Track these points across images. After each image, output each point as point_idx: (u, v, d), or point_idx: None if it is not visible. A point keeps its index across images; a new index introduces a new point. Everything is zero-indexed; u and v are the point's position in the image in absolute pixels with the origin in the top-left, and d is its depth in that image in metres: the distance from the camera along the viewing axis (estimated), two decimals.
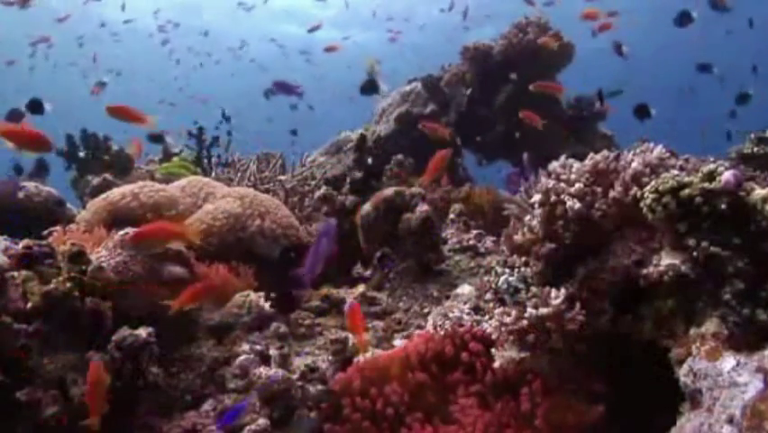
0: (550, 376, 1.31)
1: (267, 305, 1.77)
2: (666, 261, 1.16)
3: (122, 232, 1.72)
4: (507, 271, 1.53)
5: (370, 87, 3.13)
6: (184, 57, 12.49)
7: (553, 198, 1.34)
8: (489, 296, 1.64)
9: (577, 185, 1.31)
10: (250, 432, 1.39)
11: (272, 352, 1.60)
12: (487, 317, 1.74)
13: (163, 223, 1.43)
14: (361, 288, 2.21)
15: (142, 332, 1.46)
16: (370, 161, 3.12)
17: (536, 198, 1.38)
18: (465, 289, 2.04)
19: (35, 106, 2.68)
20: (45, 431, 1.34)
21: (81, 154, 3.35)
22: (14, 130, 1.89)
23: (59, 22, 6.90)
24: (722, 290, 1.10)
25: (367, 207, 2.44)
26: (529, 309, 1.27)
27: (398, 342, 1.84)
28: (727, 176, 1.12)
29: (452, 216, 2.65)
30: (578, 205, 1.28)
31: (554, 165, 1.40)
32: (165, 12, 11.15)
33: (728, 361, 1.01)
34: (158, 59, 12.92)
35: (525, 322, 1.27)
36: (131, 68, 12.67)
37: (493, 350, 1.36)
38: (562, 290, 1.27)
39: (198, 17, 12.99)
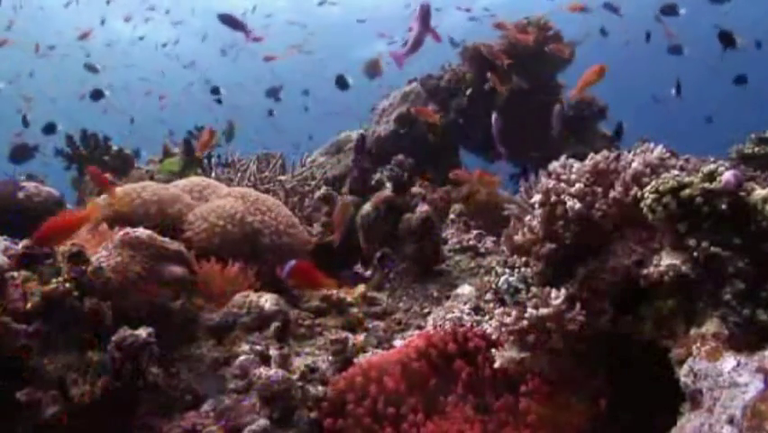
0: (550, 376, 1.31)
1: (267, 305, 1.77)
2: (666, 261, 1.16)
3: (122, 232, 1.71)
4: (507, 271, 1.53)
5: (342, 82, 3.23)
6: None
7: (553, 198, 1.34)
8: (489, 296, 1.64)
9: (577, 185, 1.31)
10: (250, 432, 1.39)
11: (272, 352, 1.60)
12: (487, 317, 1.74)
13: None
14: (361, 288, 2.20)
15: (142, 332, 1.46)
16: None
17: (536, 198, 1.38)
18: (465, 289, 2.04)
19: None
20: (45, 431, 1.34)
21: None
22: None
23: (79, 39, 6.87)
24: (722, 290, 1.10)
25: (367, 207, 2.45)
26: (529, 310, 1.27)
27: (398, 342, 1.84)
28: (728, 176, 1.12)
29: (452, 216, 2.65)
30: (578, 205, 1.28)
31: (555, 165, 1.40)
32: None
33: (729, 361, 1.01)
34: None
35: (525, 322, 1.27)
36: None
37: (493, 350, 1.37)
38: (563, 291, 1.27)
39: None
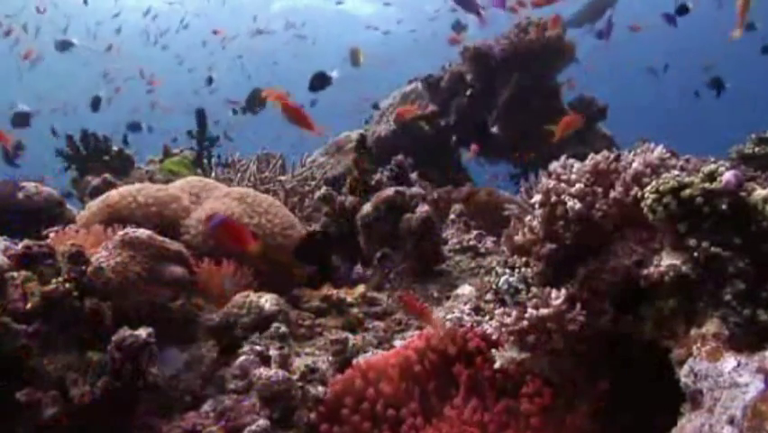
0: (550, 377, 1.31)
1: (267, 305, 1.77)
2: (667, 261, 1.16)
3: (121, 232, 1.71)
4: (507, 271, 1.53)
5: (320, 82, 2.94)
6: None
7: (553, 198, 1.34)
8: (489, 296, 1.64)
9: (577, 185, 1.31)
10: (249, 432, 1.39)
11: (272, 352, 1.60)
12: (487, 317, 1.74)
13: None
14: (361, 288, 2.20)
15: (142, 332, 1.46)
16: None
17: (537, 198, 1.38)
18: (465, 289, 2.04)
19: None
20: (45, 432, 1.34)
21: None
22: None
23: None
24: (723, 290, 1.09)
25: (367, 207, 2.44)
26: (530, 310, 1.26)
27: (398, 342, 1.84)
28: (728, 176, 1.12)
29: (452, 216, 2.65)
30: (578, 205, 1.28)
31: (555, 165, 1.40)
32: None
33: (729, 361, 1.01)
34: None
35: (525, 323, 1.27)
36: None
37: (493, 351, 1.36)
38: (563, 291, 1.26)
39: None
